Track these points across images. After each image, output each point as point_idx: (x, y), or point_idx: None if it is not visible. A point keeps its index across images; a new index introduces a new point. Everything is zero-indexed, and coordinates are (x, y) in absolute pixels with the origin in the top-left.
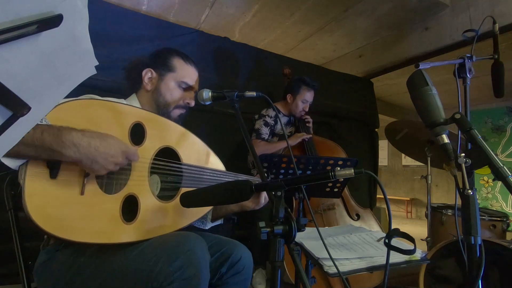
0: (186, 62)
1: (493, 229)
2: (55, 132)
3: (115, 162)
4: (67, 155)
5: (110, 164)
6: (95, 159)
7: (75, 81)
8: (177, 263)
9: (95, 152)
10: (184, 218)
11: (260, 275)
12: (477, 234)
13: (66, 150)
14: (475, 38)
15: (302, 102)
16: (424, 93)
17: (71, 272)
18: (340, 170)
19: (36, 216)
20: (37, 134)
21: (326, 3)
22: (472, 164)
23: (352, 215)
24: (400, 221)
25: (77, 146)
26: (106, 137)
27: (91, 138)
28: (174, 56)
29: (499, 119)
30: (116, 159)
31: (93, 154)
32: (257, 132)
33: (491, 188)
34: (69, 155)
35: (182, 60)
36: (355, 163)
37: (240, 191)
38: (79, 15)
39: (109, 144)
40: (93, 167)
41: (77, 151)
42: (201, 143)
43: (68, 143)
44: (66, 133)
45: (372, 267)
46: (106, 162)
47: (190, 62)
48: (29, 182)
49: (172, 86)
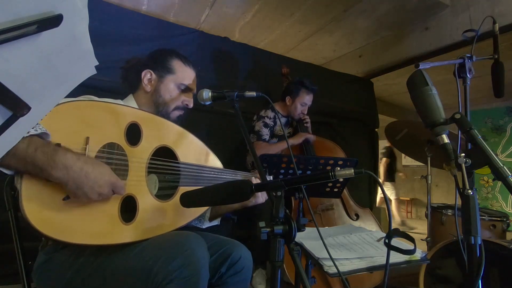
0: (185, 64)
1: (493, 229)
2: (49, 152)
3: (99, 193)
4: (55, 176)
5: (94, 194)
6: (81, 185)
7: (75, 81)
8: (176, 262)
9: (84, 179)
10: (183, 217)
11: (260, 275)
12: (477, 234)
13: (55, 171)
14: (475, 38)
15: (301, 105)
16: (424, 93)
17: (71, 272)
18: (340, 170)
19: (34, 220)
20: (30, 150)
21: (326, 3)
22: (472, 164)
23: (351, 215)
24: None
25: (67, 168)
26: (99, 166)
27: (84, 164)
28: (173, 57)
29: (499, 119)
30: (102, 189)
31: (81, 180)
32: (257, 134)
33: (491, 188)
34: (57, 176)
35: (181, 62)
36: (355, 163)
37: (240, 191)
38: (79, 15)
39: (100, 174)
40: (77, 192)
41: (66, 174)
42: (199, 142)
43: (59, 164)
44: (61, 154)
45: (372, 267)
46: (91, 191)
47: (189, 64)
48: (26, 186)
49: (171, 88)
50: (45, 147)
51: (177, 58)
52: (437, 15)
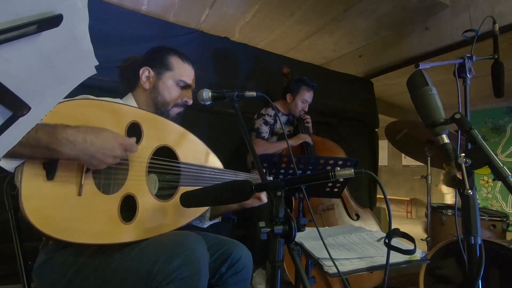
0: (183, 61)
1: (493, 229)
2: (49, 130)
3: (113, 155)
4: (64, 152)
5: (108, 158)
6: (92, 154)
7: (75, 81)
8: (176, 262)
9: (91, 147)
10: (183, 216)
11: (260, 275)
12: (477, 234)
13: (62, 148)
14: (475, 38)
15: (302, 102)
16: (424, 93)
17: (71, 272)
18: (340, 170)
19: (34, 219)
20: (31, 133)
21: (326, 3)
22: (472, 164)
23: (352, 215)
24: (400, 221)
25: (72, 142)
26: (101, 131)
27: (85, 134)
28: (171, 54)
29: (499, 119)
30: (114, 152)
31: (90, 149)
32: (257, 131)
33: (491, 188)
34: (65, 152)
35: (180, 59)
36: (355, 163)
37: (240, 191)
38: (79, 15)
39: (105, 138)
40: (92, 162)
41: (73, 148)
42: (199, 142)
43: (63, 140)
44: (60, 131)
45: (372, 267)
46: (104, 156)
47: (187, 61)
48: (25, 184)
49: (170, 84)
50: (44, 126)
51: (175, 54)
52: (437, 15)
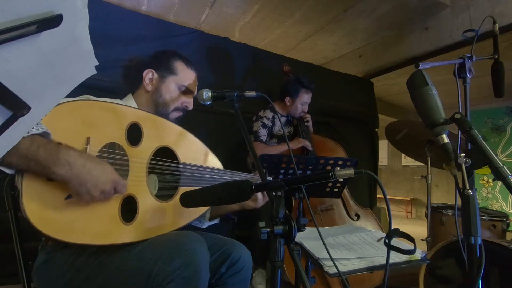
0: (187, 66)
1: (493, 229)
2: (52, 148)
3: (102, 190)
4: (58, 173)
5: (96, 191)
6: (84, 182)
7: (75, 81)
8: (176, 262)
9: (87, 175)
10: (183, 217)
11: (260, 275)
12: (477, 234)
13: (58, 168)
14: (475, 38)
15: (301, 104)
16: (424, 93)
17: (71, 272)
18: (340, 170)
19: (35, 220)
20: (33, 147)
21: (326, 3)
22: (472, 164)
23: (352, 215)
24: (400, 221)
25: (71, 164)
26: (102, 163)
27: (87, 161)
28: (176, 59)
29: (499, 119)
30: (105, 187)
31: (84, 176)
32: (255, 135)
33: (491, 188)
34: (60, 173)
35: (184, 64)
36: (355, 163)
37: (240, 191)
38: (79, 15)
39: (103, 171)
40: (79, 189)
41: (69, 170)
42: (199, 142)
43: (62, 161)
44: (64, 151)
45: (372, 267)
46: (93, 188)
47: (191, 66)
48: (26, 185)
49: (172, 88)
50: (47, 144)
51: (180, 59)
52: (437, 15)
